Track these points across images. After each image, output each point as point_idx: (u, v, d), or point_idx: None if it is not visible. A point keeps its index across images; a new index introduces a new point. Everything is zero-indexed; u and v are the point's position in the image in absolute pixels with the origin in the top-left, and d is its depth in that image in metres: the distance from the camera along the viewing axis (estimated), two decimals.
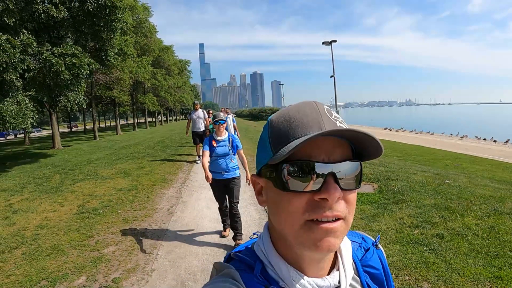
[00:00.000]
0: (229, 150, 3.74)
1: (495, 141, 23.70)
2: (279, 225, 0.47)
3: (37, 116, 10.08)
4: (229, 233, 3.98)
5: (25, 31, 9.77)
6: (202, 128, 9.07)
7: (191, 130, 9.23)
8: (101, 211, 5.09)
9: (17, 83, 9.23)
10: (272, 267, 0.50)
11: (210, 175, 3.61)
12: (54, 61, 9.44)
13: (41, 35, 10.87)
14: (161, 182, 6.94)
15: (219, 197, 3.89)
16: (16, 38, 9.11)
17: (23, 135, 29.09)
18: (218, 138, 3.75)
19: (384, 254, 0.62)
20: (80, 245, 3.87)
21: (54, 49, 9.97)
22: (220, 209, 4.00)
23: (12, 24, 8.93)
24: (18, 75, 9.10)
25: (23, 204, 5.79)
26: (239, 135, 10.06)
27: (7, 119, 8.52)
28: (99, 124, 55.62)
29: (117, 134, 27.32)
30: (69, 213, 5.11)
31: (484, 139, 25.34)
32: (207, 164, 3.66)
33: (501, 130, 31.22)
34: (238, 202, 3.80)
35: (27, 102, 9.42)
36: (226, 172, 3.73)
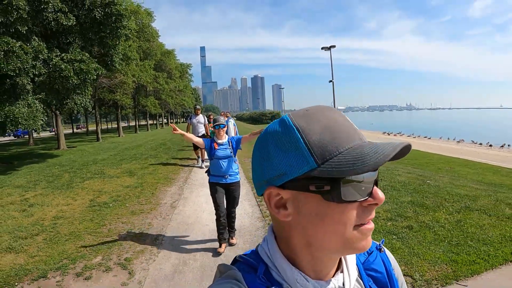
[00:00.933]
0: (230, 152, 3.77)
1: (490, 145, 24.16)
2: (323, 237, 0.46)
3: (46, 118, 10.63)
4: (225, 249, 3.82)
5: (36, 38, 10.37)
6: (202, 133, 9.09)
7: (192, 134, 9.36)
8: (111, 204, 5.66)
9: (28, 87, 9.79)
10: (276, 269, 0.50)
11: (180, 132, 3.58)
12: (63, 67, 10.02)
13: (50, 41, 11.47)
14: (164, 180, 7.49)
15: (219, 202, 3.74)
16: (28, 44, 9.69)
17: (27, 136, 29.65)
18: (219, 141, 3.80)
19: (390, 258, 0.62)
20: (95, 232, 4.42)
21: (63, 55, 10.56)
22: (217, 219, 3.77)
23: (24, 32, 9.50)
24: (29, 80, 9.67)
25: (37, 199, 6.33)
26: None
27: (20, 120, 9.08)
28: (101, 126, 56.19)
29: (119, 136, 27.91)
30: (82, 206, 5.66)
31: (480, 144, 25.78)
32: (194, 138, 3.80)
33: (500, 135, 31.52)
34: (237, 206, 4.01)
35: (37, 104, 10.00)
36: (229, 176, 3.75)
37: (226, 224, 3.84)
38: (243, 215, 4.94)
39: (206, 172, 3.96)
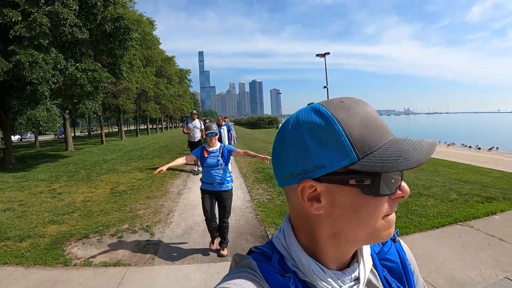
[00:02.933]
0: (218, 161, 3.75)
1: (479, 148, 25.18)
2: (355, 229, 0.47)
3: (63, 122, 11.82)
4: (217, 245, 4.00)
5: (54, 49, 11.57)
6: (198, 138, 9.11)
7: (187, 140, 9.23)
8: (128, 192, 6.88)
9: (46, 93, 10.97)
10: (291, 259, 0.50)
11: (164, 169, 3.53)
12: (78, 76, 11.23)
13: (65, 52, 12.68)
14: (171, 175, 8.70)
15: (208, 208, 3.80)
16: (48, 55, 10.89)
17: (33, 139, 30.71)
18: (210, 149, 3.81)
19: (406, 249, 0.62)
20: (120, 210, 5.62)
21: (78, 65, 11.78)
22: (207, 222, 3.88)
23: (46, 44, 10.71)
24: (48, 87, 10.86)
25: (64, 189, 7.50)
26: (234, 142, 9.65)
27: (41, 123, 10.27)
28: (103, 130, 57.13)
29: (121, 139, 29.11)
30: (104, 193, 6.87)
31: (470, 147, 26.84)
32: (179, 161, 3.77)
33: (494, 138, 32.38)
34: (229, 216, 3.95)
35: (55, 109, 11.19)
36: (219, 183, 3.76)
37: (216, 226, 3.89)
38: (236, 199, 6.12)
39: (200, 179, 3.99)
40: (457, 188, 6.78)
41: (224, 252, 3.91)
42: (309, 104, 0.51)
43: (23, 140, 43.28)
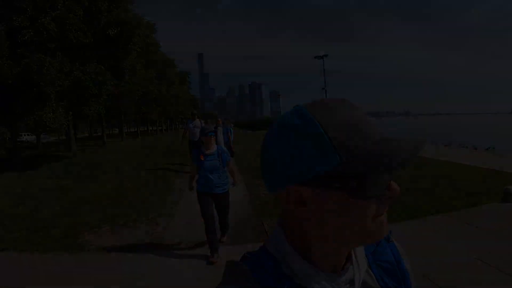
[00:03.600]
0: (219, 164, 3.69)
1: (475, 148, 25.47)
2: (344, 231, 0.46)
3: (67, 123, 12.22)
4: (218, 259, 3.63)
5: (59, 53, 11.99)
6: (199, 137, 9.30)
7: (188, 139, 9.20)
8: (134, 188, 7.32)
9: (52, 95, 11.38)
10: (286, 263, 0.49)
11: (193, 185, 3.81)
12: (83, 78, 11.67)
13: (70, 55, 13.10)
14: (175, 173, 9.18)
15: (207, 211, 3.71)
16: (54, 59, 11.30)
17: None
18: (207, 152, 3.70)
19: (399, 248, 0.62)
20: (127, 204, 6.07)
21: (82, 67, 12.21)
22: (207, 229, 3.68)
23: (52, 48, 11.14)
24: (54, 89, 11.26)
25: (72, 186, 7.91)
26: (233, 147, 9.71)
27: (47, 124, 10.69)
28: (105, 131, 57.49)
29: (122, 140, 29.49)
30: (112, 189, 7.34)
31: (466, 147, 27.05)
32: (194, 175, 3.88)
33: (494, 138, 32.43)
34: (228, 213, 4.08)
35: (61, 110, 11.59)
36: (217, 187, 3.71)
37: (216, 235, 3.77)
38: (235, 194, 6.51)
39: (196, 180, 3.90)
40: (444, 184, 7.16)
41: (225, 238, 4.22)
42: (294, 107, 0.49)
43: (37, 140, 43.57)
